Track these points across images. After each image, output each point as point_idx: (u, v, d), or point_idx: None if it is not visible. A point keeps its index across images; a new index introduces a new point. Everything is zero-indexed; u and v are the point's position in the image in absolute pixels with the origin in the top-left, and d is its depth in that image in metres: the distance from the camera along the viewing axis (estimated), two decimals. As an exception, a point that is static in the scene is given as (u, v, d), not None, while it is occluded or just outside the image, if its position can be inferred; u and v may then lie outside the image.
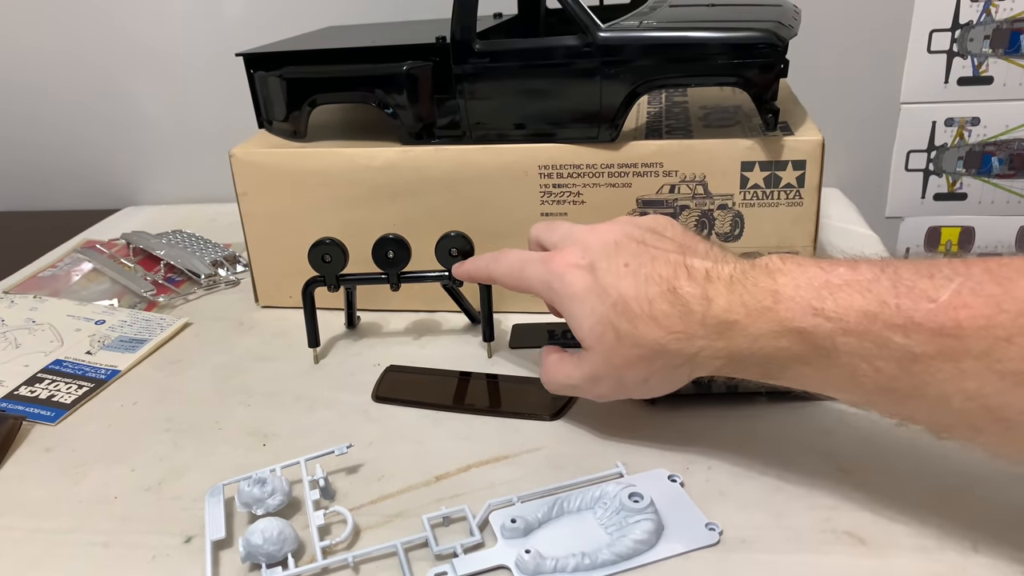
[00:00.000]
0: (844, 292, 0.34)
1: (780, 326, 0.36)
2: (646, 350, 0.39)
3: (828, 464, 0.42)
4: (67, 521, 0.43)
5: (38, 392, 0.55)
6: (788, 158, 0.53)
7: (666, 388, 0.42)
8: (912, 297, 0.33)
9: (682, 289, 0.39)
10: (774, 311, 0.36)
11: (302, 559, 0.39)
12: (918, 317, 0.32)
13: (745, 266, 0.38)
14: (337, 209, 0.60)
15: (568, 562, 0.37)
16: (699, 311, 0.38)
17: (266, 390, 0.54)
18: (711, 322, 0.38)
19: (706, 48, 0.51)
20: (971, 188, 0.73)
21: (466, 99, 0.56)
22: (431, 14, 0.74)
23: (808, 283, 0.36)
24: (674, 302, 0.39)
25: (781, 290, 0.36)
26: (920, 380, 0.33)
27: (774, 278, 0.37)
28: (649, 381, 0.41)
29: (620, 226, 0.44)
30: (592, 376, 0.42)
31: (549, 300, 0.44)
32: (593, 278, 0.41)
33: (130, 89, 0.92)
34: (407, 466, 0.45)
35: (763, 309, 0.36)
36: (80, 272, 0.74)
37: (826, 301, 0.35)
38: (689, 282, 0.39)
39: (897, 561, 0.36)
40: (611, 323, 0.40)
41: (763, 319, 0.36)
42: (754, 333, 0.37)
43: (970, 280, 0.32)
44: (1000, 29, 0.67)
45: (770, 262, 0.38)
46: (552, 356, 0.46)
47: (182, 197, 0.95)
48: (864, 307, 0.34)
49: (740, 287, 0.37)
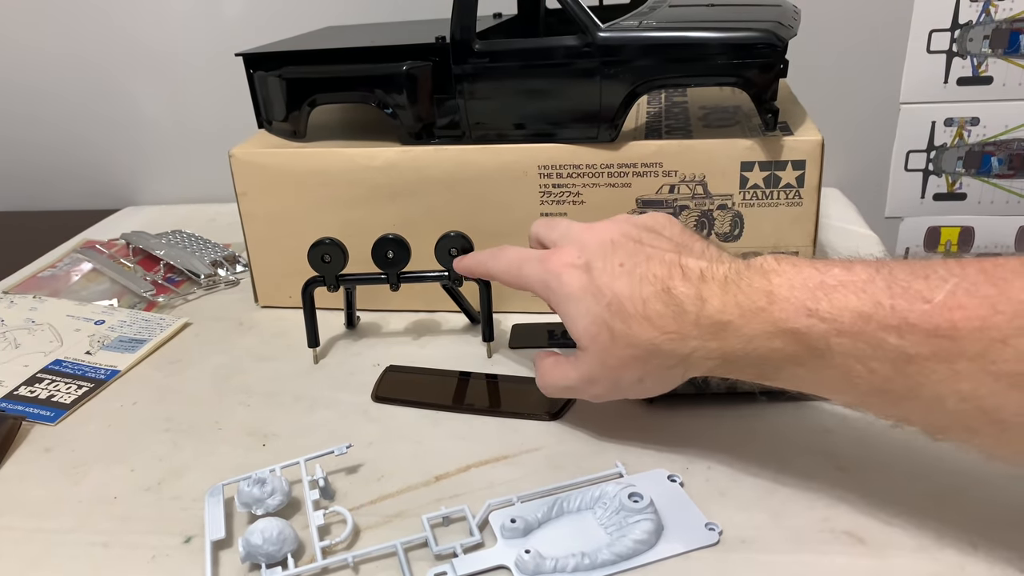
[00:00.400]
0: (839, 293, 0.34)
1: (774, 327, 0.36)
2: (640, 350, 0.39)
3: (827, 464, 0.42)
4: (67, 521, 0.43)
5: (38, 392, 0.55)
6: (788, 158, 0.53)
7: (661, 388, 0.42)
8: (907, 298, 0.33)
9: (676, 289, 0.39)
10: (768, 312, 0.36)
11: (302, 559, 0.39)
12: (913, 318, 0.32)
13: (740, 266, 0.38)
14: (337, 209, 0.60)
15: (568, 562, 0.37)
16: (693, 311, 0.38)
17: (266, 390, 0.54)
18: (705, 322, 0.37)
19: (706, 48, 0.51)
20: (971, 188, 0.73)
21: (466, 99, 0.56)
22: (431, 14, 0.74)
23: (803, 284, 0.36)
24: (668, 302, 0.38)
25: (775, 291, 0.36)
26: (914, 381, 0.33)
27: (768, 279, 0.37)
28: (644, 381, 0.41)
29: (618, 225, 0.44)
30: (588, 377, 0.42)
31: (546, 299, 0.44)
32: (588, 278, 0.41)
33: (130, 89, 0.92)
34: (407, 466, 0.45)
35: (757, 310, 0.36)
36: (80, 272, 0.74)
37: (820, 302, 0.35)
38: (683, 282, 0.39)
39: (896, 561, 0.36)
40: (606, 323, 0.40)
41: (757, 320, 0.36)
42: (748, 334, 0.36)
43: (965, 281, 0.32)
44: (1000, 29, 0.67)
45: (765, 263, 0.38)
46: (547, 360, 0.46)
47: (182, 197, 0.95)
48: (859, 308, 0.33)
49: (734, 287, 0.37)
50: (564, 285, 0.42)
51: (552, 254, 0.44)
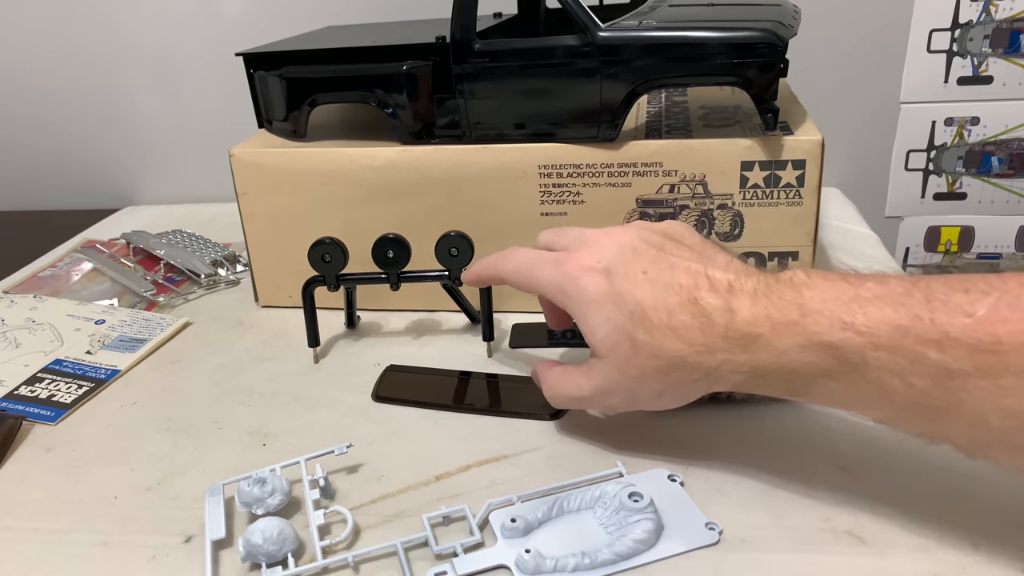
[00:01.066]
0: (874, 306, 0.33)
1: (807, 340, 0.35)
2: (663, 362, 0.38)
3: (828, 464, 0.42)
4: (67, 521, 0.43)
5: (38, 392, 0.55)
6: (788, 158, 0.53)
7: (680, 401, 0.41)
8: (947, 311, 0.32)
9: (704, 300, 0.37)
10: (801, 324, 0.35)
11: (302, 559, 0.39)
12: (954, 332, 0.31)
13: (769, 279, 0.37)
14: (337, 209, 0.60)
15: (568, 562, 0.37)
16: (721, 323, 0.37)
17: (266, 390, 0.54)
18: (734, 335, 0.36)
19: (706, 48, 0.51)
20: (971, 188, 0.73)
21: (466, 99, 0.56)
22: (431, 14, 0.74)
23: (836, 296, 0.35)
24: (695, 313, 0.37)
25: (807, 303, 0.35)
26: (956, 397, 0.31)
27: (800, 291, 0.36)
28: (664, 394, 0.40)
29: (636, 231, 0.42)
30: (603, 388, 0.41)
31: (561, 304, 0.43)
32: (609, 283, 0.40)
33: (130, 89, 0.92)
34: (407, 466, 0.45)
35: (789, 323, 0.35)
36: (80, 272, 0.74)
37: (856, 315, 0.33)
38: (711, 293, 0.38)
39: (897, 561, 0.36)
40: (627, 332, 0.39)
41: (789, 333, 0.35)
42: (780, 347, 0.35)
43: (1007, 295, 0.31)
44: (1000, 29, 0.67)
45: (795, 276, 0.36)
46: (554, 369, 0.45)
47: (182, 197, 0.95)
48: (896, 321, 0.32)
49: (765, 300, 0.36)
50: (582, 290, 0.40)
51: (568, 256, 0.42)
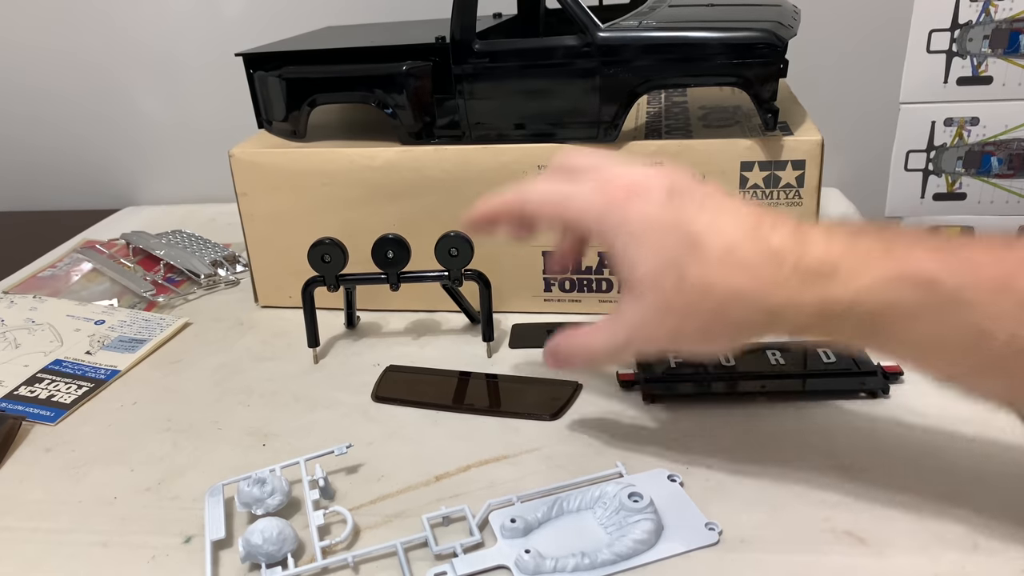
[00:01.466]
0: (967, 251, 0.30)
1: (896, 271, 0.31)
2: (715, 301, 0.34)
3: (828, 463, 0.42)
4: (67, 521, 0.43)
5: (38, 392, 0.55)
6: (788, 158, 0.53)
7: (730, 344, 0.37)
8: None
9: (770, 233, 0.33)
10: (890, 255, 0.31)
11: (302, 559, 0.39)
12: None
13: (835, 223, 0.34)
14: (337, 209, 0.60)
15: (568, 562, 0.37)
16: (791, 258, 0.33)
17: (266, 390, 0.54)
18: (804, 269, 0.32)
19: (706, 48, 0.51)
20: (970, 188, 0.73)
21: (466, 99, 0.56)
22: (431, 14, 0.74)
23: (923, 238, 0.32)
24: (760, 247, 0.33)
25: (895, 239, 0.32)
26: None
27: (880, 232, 0.32)
28: (711, 334, 0.36)
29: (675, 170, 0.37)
30: (643, 329, 0.36)
31: (597, 235, 0.37)
32: (661, 211, 0.35)
33: (130, 89, 0.92)
34: (407, 466, 0.45)
35: (878, 254, 0.31)
36: (80, 272, 0.74)
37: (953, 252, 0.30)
38: (777, 228, 0.34)
39: (897, 560, 0.36)
40: (676, 264, 0.34)
41: (876, 265, 0.31)
42: (860, 283, 0.31)
43: None
44: (999, 29, 0.67)
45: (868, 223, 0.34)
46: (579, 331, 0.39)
47: (182, 197, 0.95)
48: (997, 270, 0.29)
49: (841, 235, 0.33)
50: (629, 219, 0.35)
51: (610, 181, 0.37)
